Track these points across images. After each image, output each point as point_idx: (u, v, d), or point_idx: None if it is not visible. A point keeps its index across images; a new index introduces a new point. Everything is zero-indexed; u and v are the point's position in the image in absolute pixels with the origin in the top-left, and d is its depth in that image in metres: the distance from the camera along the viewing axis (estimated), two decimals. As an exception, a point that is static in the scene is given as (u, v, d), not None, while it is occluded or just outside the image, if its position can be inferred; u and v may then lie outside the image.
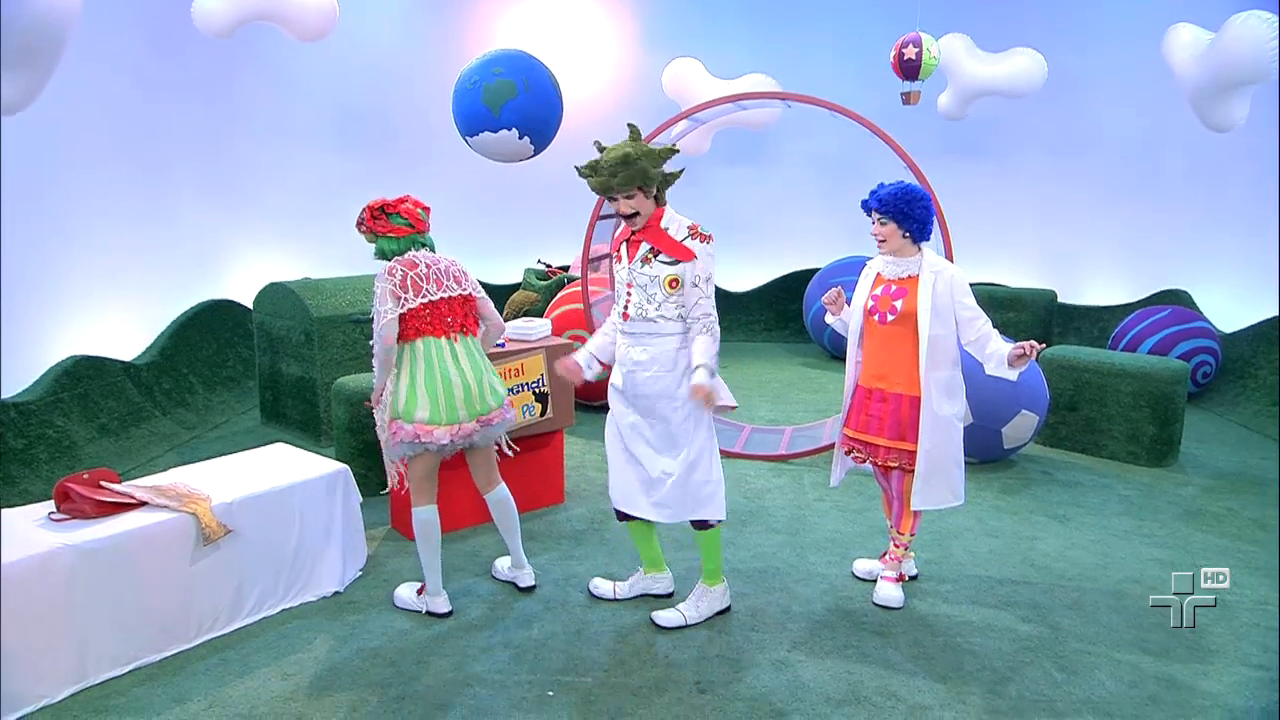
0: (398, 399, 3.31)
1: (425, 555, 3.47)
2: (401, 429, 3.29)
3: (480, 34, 8.41)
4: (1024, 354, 3.20)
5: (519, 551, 3.71)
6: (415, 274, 3.31)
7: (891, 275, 3.51)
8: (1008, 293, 8.18)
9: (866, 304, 3.56)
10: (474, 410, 3.36)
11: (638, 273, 3.25)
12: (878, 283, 3.56)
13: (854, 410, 3.64)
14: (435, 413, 3.28)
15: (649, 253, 3.24)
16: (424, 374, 3.30)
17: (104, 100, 5.89)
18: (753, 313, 9.70)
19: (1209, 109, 5.65)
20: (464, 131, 5.51)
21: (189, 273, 6.79)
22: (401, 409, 3.29)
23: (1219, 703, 2.96)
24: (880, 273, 3.56)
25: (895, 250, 3.48)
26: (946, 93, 7.62)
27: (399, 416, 3.30)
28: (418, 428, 3.27)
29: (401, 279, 3.28)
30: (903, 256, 3.49)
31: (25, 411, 4.79)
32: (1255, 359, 6.89)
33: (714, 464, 3.34)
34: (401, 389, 3.31)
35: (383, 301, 3.26)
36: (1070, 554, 4.14)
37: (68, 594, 2.89)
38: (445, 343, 3.35)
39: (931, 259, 3.47)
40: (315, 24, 6.34)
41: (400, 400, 3.30)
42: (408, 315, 3.29)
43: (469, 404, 3.34)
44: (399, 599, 3.58)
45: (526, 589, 3.70)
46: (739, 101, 5.65)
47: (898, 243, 3.46)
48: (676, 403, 3.25)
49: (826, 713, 2.89)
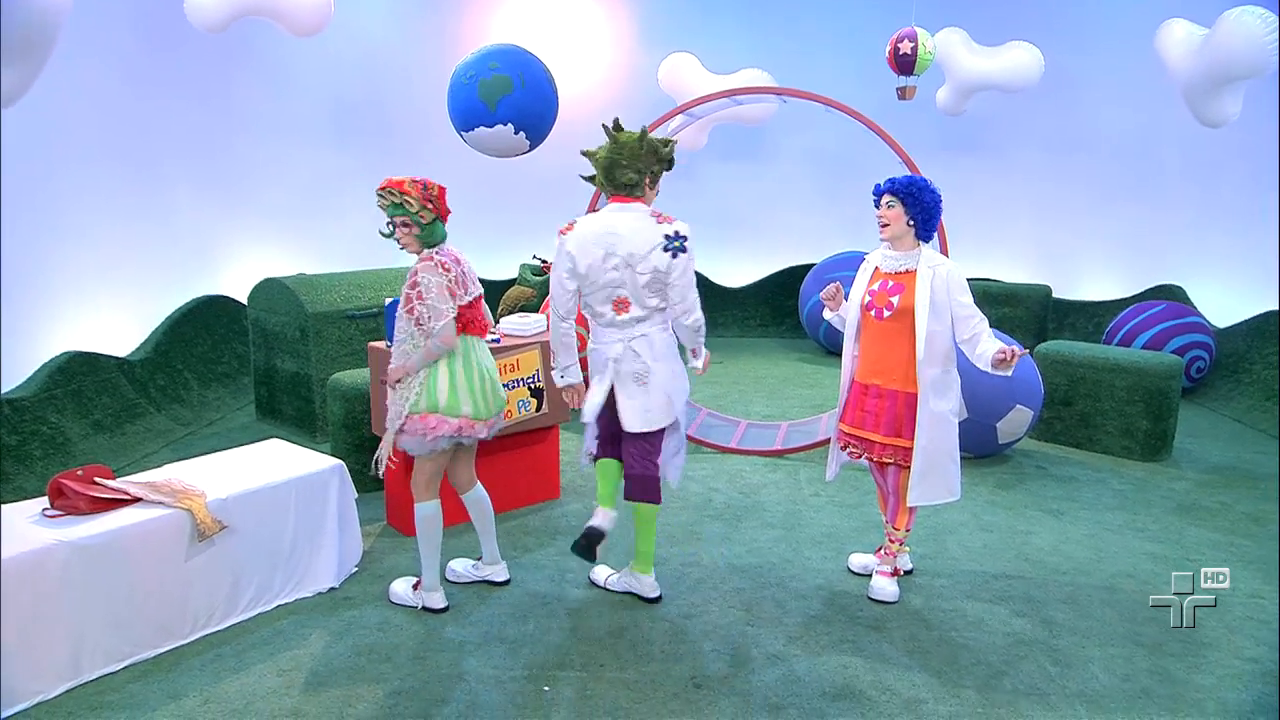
0: (435, 394, 3.25)
1: (426, 551, 3.46)
2: (444, 423, 3.25)
3: (475, 29, 8.39)
4: (1005, 359, 3.22)
5: (495, 549, 3.72)
6: (460, 270, 3.31)
7: (889, 269, 3.50)
8: (1003, 288, 8.20)
9: (863, 299, 3.56)
10: (499, 405, 3.44)
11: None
12: (875, 277, 3.55)
13: (850, 406, 3.64)
14: (477, 408, 3.31)
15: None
16: (463, 369, 3.30)
17: (97, 95, 5.86)
18: (748, 308, 9.71)
19: (1202, 105, 5.67)
20: (459, 126, 5.49)
21: (184, 269, 6.77)
22: (444, 404, 3.25)
23: (1212, 696, 2.98)
24: (878, 266, 3.55)
25: (896, 238, 3.46)
26: (944, 88, 7.62)
27: (436, 410, 3.25)
28: (462, 422, 3.28)
29: (454, 277, 3.26)
30: (902, 249, 3.48)
31: (19, 408, 4.78)
32: (1249, 354, 6.91)
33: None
34: (441, 384, 3.26)
35: (442, 298, 3.19)
36: (1064, 548, 4.16)
37: (62, 590, 2.88)
38: (476, 340, 3.40)
39: (930, 255, 3.47)
40: (310, 19, 6.31)
41: (440, 396, 3.25)
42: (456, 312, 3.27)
43: (496, 399, 3.42)
44: (394, 595, 3.58)
45: (503, 583, 3.72)
46: (735, 97, 5.64)
47: (901, 229, 3.44)
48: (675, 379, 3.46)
49: (822, 707, 2.90)
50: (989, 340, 3.35)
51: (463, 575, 3.75)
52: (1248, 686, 3.04)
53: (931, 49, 6.64)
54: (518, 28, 8.30)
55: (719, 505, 4.67)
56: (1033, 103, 8.24)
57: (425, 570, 3.49)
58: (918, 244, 3.49)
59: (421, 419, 3.26)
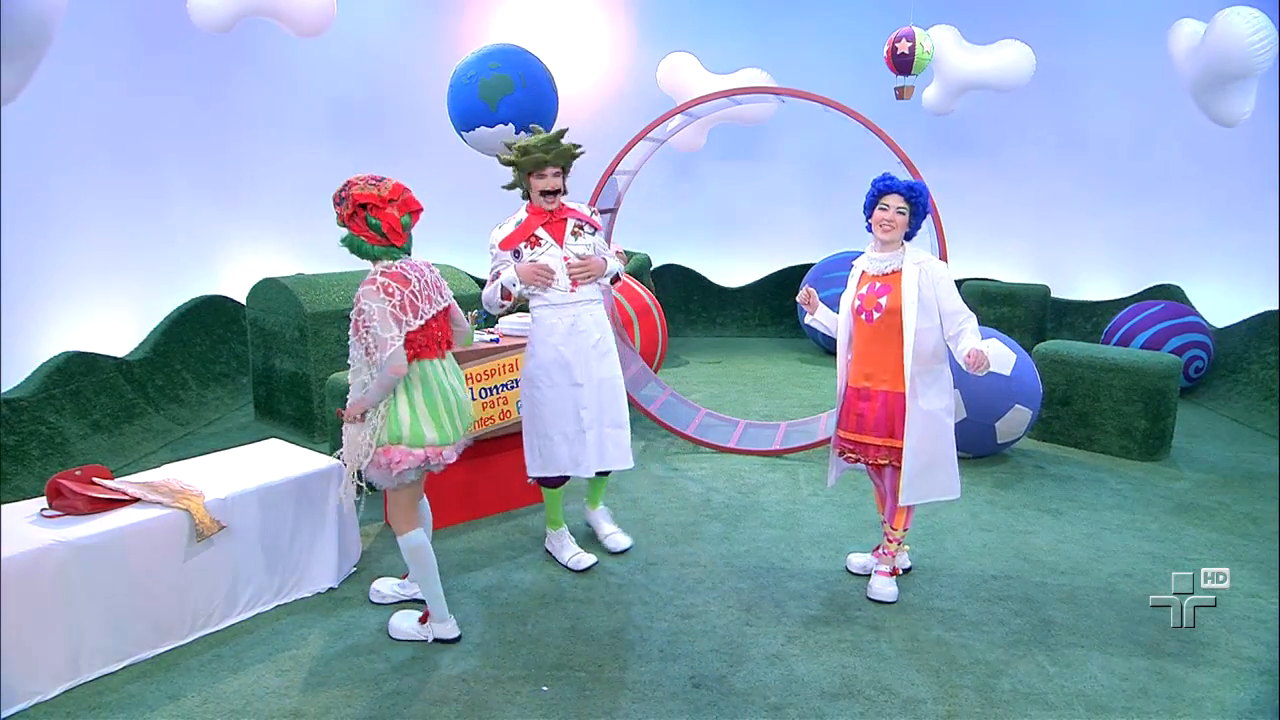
0: (397, 425, 3.04)
1: (426, 581, 3.22)
2: (408, 455, 3.05)
3: (475, 29, 8.38)
4: (970, 364, 3.24)
5: None
6: (410, 292, 3.03)
7: (876, 271, 3.51)
8: (1001, 288, 8.19)
9: (853, 304, 3.56)
10: (467, 422, 3.27)
11: (572, 247, 3.65)
12: (863, 281, 3.56)
13: (845, 412, 3.64)
14: (443, 433, 3.12)
15: (577, 227, 3.69)
16: (423, 395, 3.09)
17: (96, 95, 5.86)
18: (747, 308, 9.71)
19: (1210, 104, 5.66)
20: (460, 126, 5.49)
21: (182, 268, 6.77)
22: (407, 435, 3.05)
23: (1210, 695, 2.98)
24: (865, 270, 3.56)
25: (896, 240, 3.48)
26: (932, 86, 7.57)
27: (400, 442, 3.05)
28: (428, 451, 3.08)
29: (401, 301, 3.00)
30: (889, 250, 3.49)
31: (17, 408, 4.78)
32: (1247, 354, 6.92)
33: None
34: (402, 414, 3.05)
35: (385, 326, 2.94)
36: (1063, 548, 4.16)
37: (60, 590, 2.88)
38: (438, 361, 3.18)
39: (914, 252, 3.48)
40: (313, 19, 6.31)
41: (403, 426, 3.04)
42: (406, 338, 3.02)
43: (464, 418, 3.25)
44: (398, 631, 3.29)
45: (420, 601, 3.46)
46: (734, 97, 5.64)
47: (902, 231, 3.47)
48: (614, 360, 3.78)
49: (821, 707, 2.90)
50: (969, 337, 3.35)
51: (387, 596, 3.54)
52: (1246, 686, 3.04)
53: (929, 49, 6.64)
54: (518, 28, 8.29)
55: (718, 505, 4.67)
56: (1030, 102, 8.24)
57: (430, 601, 3.25)
58: (902, 244, 3.50)
59: (385, 452, 3.05)
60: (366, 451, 3.06)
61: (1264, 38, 5.14)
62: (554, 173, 3.60)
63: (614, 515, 4.27)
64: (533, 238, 3.64)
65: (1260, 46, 5.13)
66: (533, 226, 3.66)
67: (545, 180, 3.59)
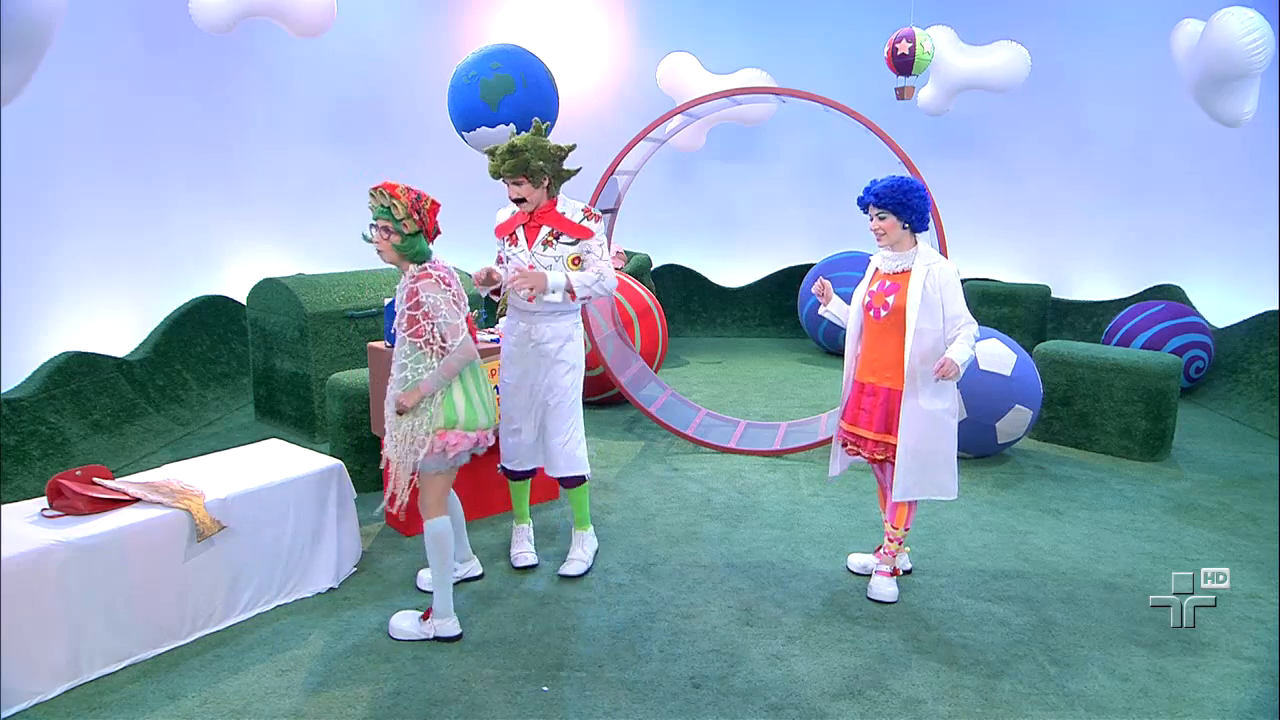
0: (453, 410, 3.16)
1: (441, 571, 3.25)
2: (464, 438, 3.19)
3: (475, 29, 8.39)
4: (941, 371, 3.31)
5: (467, 546, 3.74)
6: (458, 284, 3.24)
7: (888, 270, 3.55)
8: (1002, 288, 8.19)
9: (864, 300, 3.60)
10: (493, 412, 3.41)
11: (540, 256, 3.58)
12: (875, 278, 3.61)
13: (850, 404, 3.67)
14: (490, 417, 3.30)
15: (550, 236, 3.58)
16: (474, 381, 3.25)
17: (97, 95, 5.86)
18: (747, 309, 9.71)
19: (1212, 105, 5.66)
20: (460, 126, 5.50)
21: (182, 269, 6.77)
22: (462, 418, 3.18)
23: (1211, 695, 2.98)
24: (879, 268, 3.61)
25: (895, 243, 3.50)
26: (929, 87, 7.57)
27: (456, 426, 3.16)
28: (479, 435, 3.24)
29: (455, 291, 3.19)
30: (901, 250, 3.51)
31: (18, 408, 4.78)
32: (1248, 354, 6.92)
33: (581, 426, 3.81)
34: (457, 400, 3.18)
35: (454, 313, 3.14)
36: (1063, 548, 4.16)
37: (61, 591, 2.88)
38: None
39: (926, 253, 3.51)
40: (314, 20, 6.31)
41: (458, 410, 3.17)
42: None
43: (495, 404, 3.41)
44: (399, 632, 3.29)
45: (478, 578, 3.76)
46: (734, 97, 5.64)
47: (897, 234, 3.48)
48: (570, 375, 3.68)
49: (821, 706, 2.90)
50: (958, 344, 3.38)
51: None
52: (1246, 686, 3.04)
53: (930, 49, 6.65)
54: (518, 28, 8.30)
55: (718, 505, 4.67)
56: (1032, 102, 8.24)
57: (438, 593, 3.26)
58: (915, 242, 3.52)
59: (441, 436, 3.15)
60: (424, 440, 3.15)
61: (1259, 38, 5.15)
62: (513, 181, 3.52)
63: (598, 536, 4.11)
64: (513, 235, 3.68)
65: (1256, 47, 5.15)
66: (516, 224, 3.68)
67: (509, 188, 3.56)
